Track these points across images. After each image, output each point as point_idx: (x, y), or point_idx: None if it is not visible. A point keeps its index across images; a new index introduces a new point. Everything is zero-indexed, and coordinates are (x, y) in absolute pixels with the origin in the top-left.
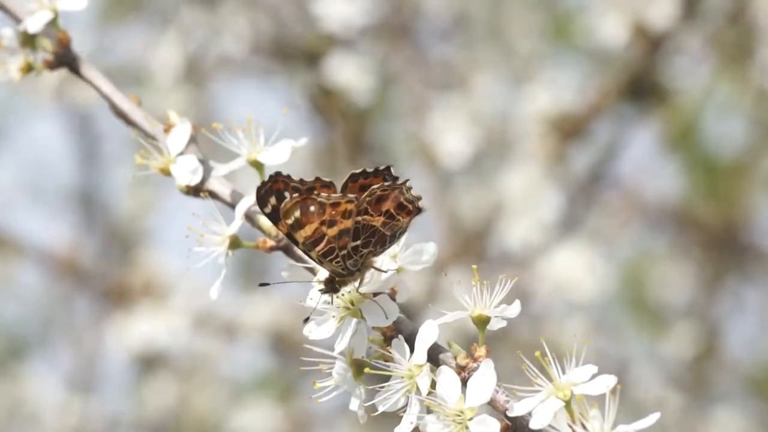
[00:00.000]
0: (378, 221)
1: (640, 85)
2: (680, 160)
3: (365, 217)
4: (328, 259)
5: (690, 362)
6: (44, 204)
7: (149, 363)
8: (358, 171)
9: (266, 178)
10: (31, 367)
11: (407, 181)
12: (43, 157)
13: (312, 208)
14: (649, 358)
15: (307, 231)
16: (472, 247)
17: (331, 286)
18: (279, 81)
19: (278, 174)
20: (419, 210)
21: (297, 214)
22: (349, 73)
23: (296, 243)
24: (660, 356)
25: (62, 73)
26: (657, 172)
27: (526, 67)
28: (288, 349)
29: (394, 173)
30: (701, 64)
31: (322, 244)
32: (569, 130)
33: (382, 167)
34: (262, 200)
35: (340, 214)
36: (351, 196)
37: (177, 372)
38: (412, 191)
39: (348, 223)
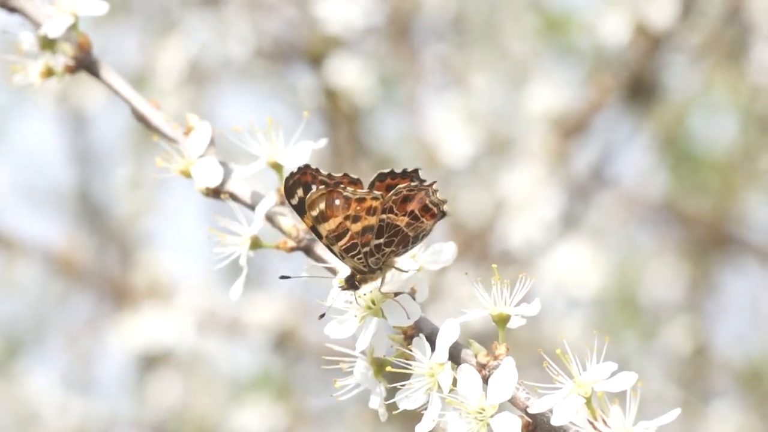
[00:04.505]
0: (402, 221)
1: (640, 84)
2: (673, 157)
3: (390, 215)
4: (350, 254)
5: (685, 358)
6: (40, 205)
7: (149, 362)
8: (386, 171)
9: (295, 170)
10: (28, 366)
11: (434, 183)
12: (39, 157)
13: (337, 202)
14: (646, 354)
15: (331, 224)
16: (474, 246)
17: (352, 283)
18: (280, 83)
19: (307, 166)
20: (443, 214)
21: (322, 206)
22: (352, 75)
23: (320, 236)
24: (656, 353)
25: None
26: (651, 169)
27: (522, 66)
28: (290, 348)
29: (421, 176)
30: (698, 62)
31: (345, 239)
32: (570, 128)
33: (410, 169)
34: (289, 191)
35: (365, 210)
36: (377, 192)
37: (177, 371)
38: (438, 195)
39: (372, 220)
